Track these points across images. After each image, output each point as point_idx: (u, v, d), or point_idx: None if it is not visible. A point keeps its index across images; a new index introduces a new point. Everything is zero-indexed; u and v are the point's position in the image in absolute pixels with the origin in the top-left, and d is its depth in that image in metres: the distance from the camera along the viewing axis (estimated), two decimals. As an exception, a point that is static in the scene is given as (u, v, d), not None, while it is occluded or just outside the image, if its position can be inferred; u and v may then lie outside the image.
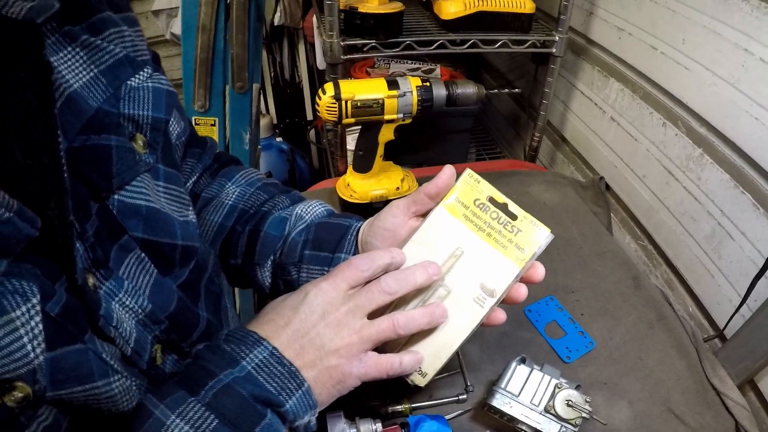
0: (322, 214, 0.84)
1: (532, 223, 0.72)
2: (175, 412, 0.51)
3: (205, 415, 0.52)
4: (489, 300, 0.71)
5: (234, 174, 0.89)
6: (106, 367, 0.50)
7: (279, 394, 0.57)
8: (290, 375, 0.58)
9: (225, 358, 0.57)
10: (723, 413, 1.03)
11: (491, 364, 1.07)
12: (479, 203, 0.72)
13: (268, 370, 0.57)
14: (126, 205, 0.56)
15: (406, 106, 1.27)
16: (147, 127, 0.60)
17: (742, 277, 1.17)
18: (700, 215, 1.29)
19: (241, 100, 1.76)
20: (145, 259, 0.59)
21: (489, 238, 0.71)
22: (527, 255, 0.71)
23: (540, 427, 0.89)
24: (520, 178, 1.63)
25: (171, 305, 0.61)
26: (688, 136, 1.32)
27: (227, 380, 0.54)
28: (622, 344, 1.13)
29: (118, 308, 0.54)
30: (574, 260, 1.33)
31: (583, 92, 1.77)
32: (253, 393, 0.55)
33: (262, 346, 0.58)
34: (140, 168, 0.58)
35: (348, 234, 0.79)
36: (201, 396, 0.53)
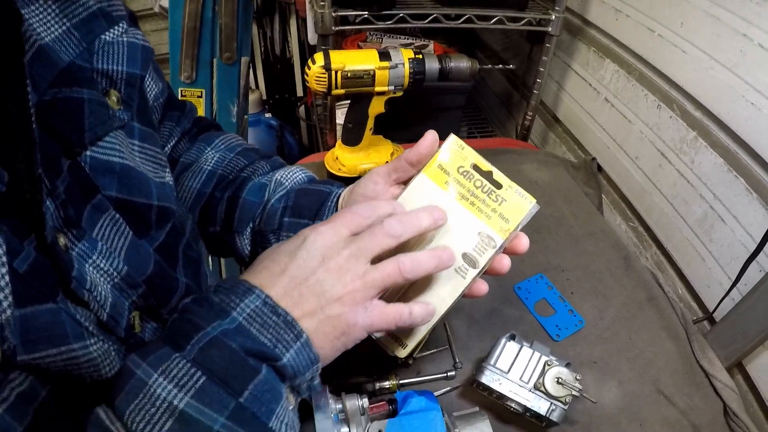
0: (302, 180, 0.82)
1: (518, 193, 0.69)
2: (158, 370, 0.46)
3: (191, 371, 0.46)
4: (471, 271, 0.68)
5: (214, 139, 0.86)
6: (81, 329, 0.48)
7: (275, 347, 0.51)
8: (286, 325, 0.52)
9: (213, 309, 0.51)
10: (711, 395, 1.03)
11: (480, 341, 1.06)
12: (463, 170, 0.68)
13: (261, 321, 0.51)
14: (99, 161, 0.54)
15: (398, 78, 1.25)
16: (121, 82, 0.58)
17: (732, 261, 1.16)
18: (692, 198, 1.28)
19: (229, 72, 1.72)
20: (119, 220, 0.56)
21: (472, 207, 0.68)
22: (511, 225, 0.68)
23: (529, 404, 0.87)
24: (511, 156, 1.61)
25: (148, 268, 0.59)
26: (682, 119, 1.30)
27: (215, 333, 0.48)
28: (612, 324, 1.12)
29: (92, 271, 0.52)
30: (565, 239, 1.32)
31: (577, 72, 1.75)
32: (244, 346, 0.49)
33: (254, 294, 0.52)
34: (114, 123, 0.56)
35: (328, 201, 0.76)
36: (186, 351, 0.47)
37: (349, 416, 0.71)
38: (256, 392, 0.48)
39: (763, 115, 1.06)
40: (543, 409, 0.87)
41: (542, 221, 1.37)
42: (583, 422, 0.95)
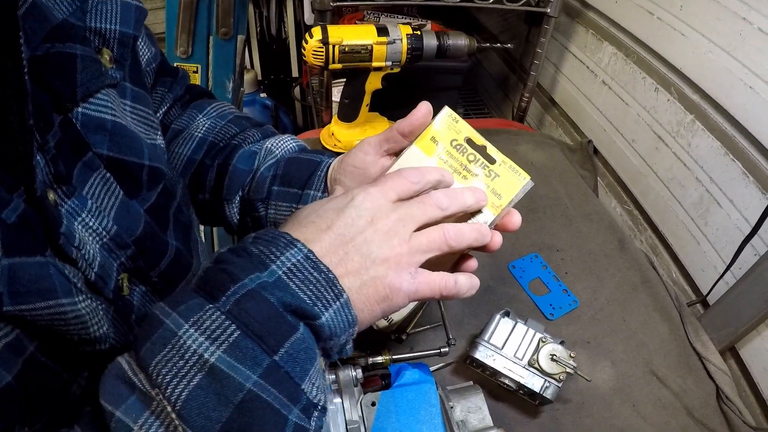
0: (293, 149, 0.80)
1: (512, 169, 0.66)
2: (189, 321, 0.43)
3: (225, 324, 0.43)
4: None
5: (206, 106, 0.84)
6: (70, 285, 0.47)
7: (314, 305, 0.48)
8: (327, 283, 0.49)
9: (252, 260, 0.48)
10: (704, 378, 1.03)
11: (474, 319, 1.06)
12: (456, 144, 0.66)
13: (303, 276, 0.48)
14: (90, 118, 0.53)
15: (395, 54, 1.24)
16: (114, 42, 0.57)
17: (728, 244, 1.15)
18: (688, 182, 1.28)
19: (225, 47, 1.71)
20: (110, 179, 0.55)
21: (465, 181, 0.66)
22: (504, 202, 0.65)
23: (523, 381, 0.87)
24: (507, 136, 1.60)
25: (137, 229, 0.57)
26: (680, 102, 1.30)
27: (253, 285, 0.46)
28: (606, 305, 1.12)
29: (81, 229, 0.51)
30: (560, 220, 1.31)
31: (575, 55, 1.74)
32: (283, 300, 0.46)
33: (296, 248, 0.49)
34: (106, 80, 0.55)
35: (318, 170, 0.74)
36: (221, 302, 0.44)
37: (342, 387, 0.71)
38: (292, 351, 0.46)
39: (761, 99, 1.06)
40: (537, 386, 0.87)
41: (537, 201, 1.36)
42: (576, 401, 0.95)
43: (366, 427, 0.69)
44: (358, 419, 0.69)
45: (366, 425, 0.69)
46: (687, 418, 0.96)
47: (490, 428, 0.72)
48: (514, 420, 0.92)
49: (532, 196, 1.36)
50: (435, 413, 0.71)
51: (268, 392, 0.44)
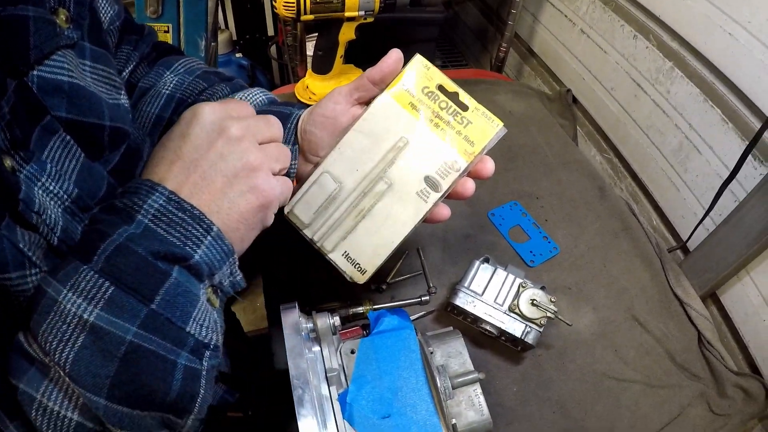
0: (263, 102, 0.78)
1: (484, 115, 0.66)
2: (67, 286, 0.44)
3: (99, 282, 0.44)
4: (433, 194, 0.66)
5: (173, 63, 0.82)
6: (23, 258, 0.46)
7: (184, 245, 0.48)
8: (194, 220, 0.50)
9: (119, 215, 0.48)
10: (686, 323, 1.03)
11: (454, 267, 1.05)
12: (428, 91, 0.66)
13: (168, 219, 0.49)
14: (46, 81, 0.51)
15: (368, 3, 1.21)
16: (70, 1, 0.55)
17: (707, 191, 1.15)
18: (667, 129, 1.27)
19: (196, 5, 1.68)
20: (70, 142, 0.54)
21: (436, 128, 0.66)
22: (476, 149, 0.66)
23: (504, 326, 0.87)
24: (485, 86, 1.58)
25: (100, 191, 0.56)
26: (658, 50, 1.28)
27: (120, 240, 0.46)
28: (587, 251, 1.12)
29: (41, 194, 0.49)
30: (540, 168, 1.30)
31: (553, 4, 1.71)
32: (151, 249, 0.47)
33: (157, 192, 0.49)
34: (61, 41, 0.53)
35: (288, 122, 0.72)
36: (93, 262, 0.45)
37: (320, 335, 0.70)
38: (168, 297, 0.46)
39: (739, 44, 1.05)
40: (518, 332, 0.86)
41: (516, 150, 1.35)
42: (558, 347, 0.95)
43: (346, 375, 0.69)
44: (337, 367, 0.69)
45: (346, 373, 0.69)
46: (669, 363, 0.96)
47: (471, 372, 0.71)
48: (497, 366, 0.92)
49: (510, 145, 1.35)
50: (415, 359, 0.70)
51: (150, 341, 0.45)
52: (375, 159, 0.66)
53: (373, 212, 0.67)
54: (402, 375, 0.69)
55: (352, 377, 0.69)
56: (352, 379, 0.68)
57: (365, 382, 0.68)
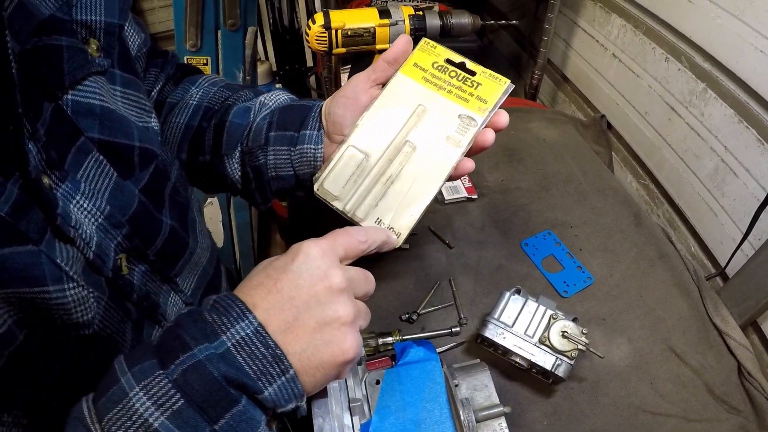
0: (285, 100, 0.83)
1: (492, 76, 0.73)
2: (140, 384, 0.46)
3: (171, 392, 0.46)
4: (456, 150, 0.71)
5: (198, 79, 0.88)
6: (61, 273, 0.49)
7: (258, 380, 0.49)
8: (274, 359, 0.50)
9: (204, 329, 0.49)
10: (725, 353, 1.00)
11: (486, 298, 1.05)
12: (437, 65, 0.74)
13: (250, 351, 0.49)
14: (79, 104, 0.56)
15: (398, 36, 1.23)
16: (100, 31, 0.60)
17: (745, 215, 1.13)
18: (703, 152, 1.25)
19: (233, 38, 1.72)
20: (103, 162, 0.58)
21: (450, 95, 0.72)
22: (489, 104, 0.71)
23: (534, 358, 0.86)
24: (519, 114, 1.58)
25: (131, 208, 0.60)
26: (691, 71, 1.27)
27: (200, 356, 0.47)
28: (622, 281, 1.10)
29: (76, 210, 0.53)
30: (574, 196, 1.29)
31: (584, 29, 1.71)
32: (226, 375, 0.47)
33: (248, 320, 0.50)
34: (92, 67, 0.58)
35: (312, 113, 0.77)
36: (170, 370, 0.46)
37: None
38: (232, 421, 0.48)
39: (772, 62, 1.03)
40: (548, 364, 0.85)
41: (550, 178, 1.34)
42: (591, 380, 0.93)
43: (370, 406, 0.69)
44: (361, 397, 0.69)
45: (370, 403, 0.69)
46: (707, 396, 0.93)
47: (496, 406, 0.71)
48: (528, 399, 0.90)
49: (544, 173, 1.35)
50: (440, 391, 0.70)
51: None
52: (397, 127, 0.72)
53: (401, 176, 0.71)
54: (426, 407, 0.69)
55: (376, 408, 0.69)
56: (375, 410, 0.68)
57: (389, 413, 0.68)
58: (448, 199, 1.26)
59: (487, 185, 1.32)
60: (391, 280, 1.08)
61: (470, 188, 1.28)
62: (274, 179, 0.78)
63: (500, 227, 1.21)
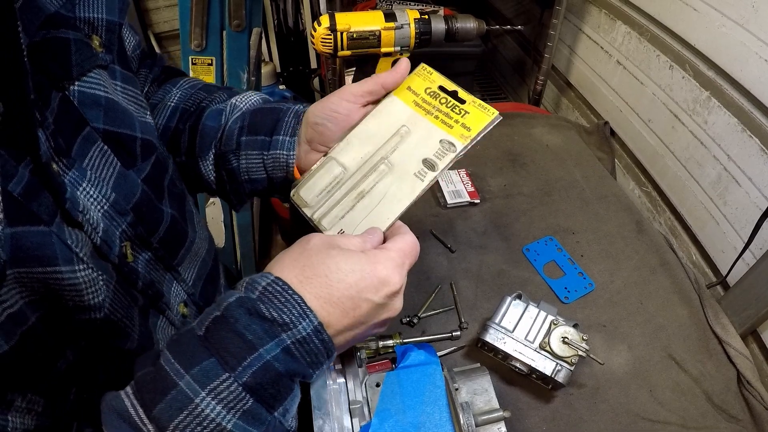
0: (257, 102, 0.84)
1: (480, 106, 0.73)
2: (206, 389, 0.47)
3: (242, 395, 0.48)
4: (430, 174, 0.71)
5: (179, 81, 0.90)
6: (71, 254, 0.50)
7: (309, 368, 0.53)
8: (326, 351, 0.53)
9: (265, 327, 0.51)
10: (725, 362, 1.00)
11: (487, 302, 1.05)
12: (430, 91, 0.75)
13: (308, 348, 0.52)
14: (85, 95, 0.58)
15: (404, 39, 1.23)
16: (102, 29, 0.63)
17: (747, 224, 1.13)
18: (706, 160, 1.25)
19: (238, 39, 1.71)
20: (107, 152, 0.60)
21: (436, 120, 0.73)
22: (473, 133, 0.71)
23: (534, 364, 0.86)
24: (522, 120, 1.58)
25: (134, 196, 0.62)
26: (695, 79, 1.27)
27: (267, 357, 0.49)
28: (623, 288, 1.10)
29: (83, 197, 0.55)
30: (576, 202, 1.29)
31: (589, 36, 1.71)
32: (289, 370, 0.51)
33: (308, 320, 0.52)
34: (97, 61, 0.61)
35: (285, 117, 0.78)
36: (238, 373, 0.48)
37: (345, 367, 0.71)
38: (287, 405, 0.52)
39: (776, 72, 1.03)
40: (548, 370, 0.85)
41: (552, 184, 1.35)
42: (590, 386, 0.94)
43: (370, 408, 0.69)
44: (361, 400, 0.69)
45: (370, 406, 0.69)
46: (706, 404, 0.93)
47: (496, 410, 0.71)
48: (527, 405, 0.91)
49: (547, 179, 1.35)
50: (440, 394, 0.70)
51: None
52: (378, 145, 0.74)
53: (372, 192, 0.72)
54: (426, 410, 0.69)
55: (376, 410, 0.69)
56: (375, 412, 0.69)
57: (388, 415, 0.68)
58: (450, 204, 1.26)
59: (490, 190, 1.32)
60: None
61: (473, 192, 1.28)
62: (248, 182, 0.79)
63: (502, 232, 1.21)
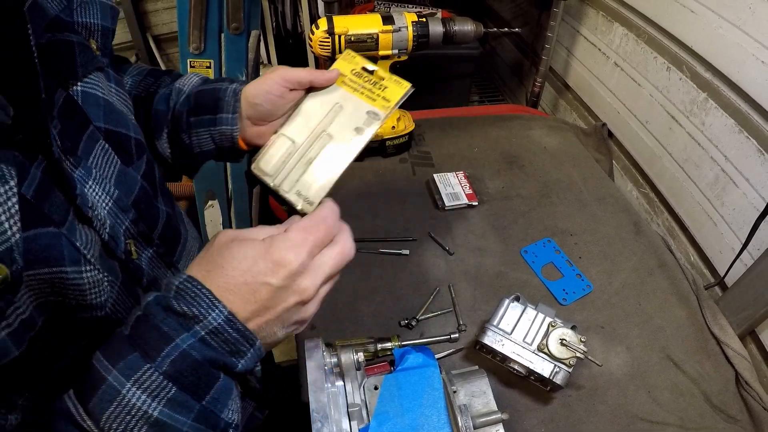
0: (197, 83, 0.90)
1: (396, 81, 0.87)
2: (131, 380, 0.50)
3: (164, 383, 0.50)
4: (361, 138, 0.84)
5: (127, 68, 0.94)
6: (79, 255, 0.52)
7: (231, 357, 0.54)
8: (244, 338, 0.55)
9: (179, 320, 0.53)
10: (723, 363, 1.01)
11: (485, 305, 1.05)
12: (355, 72, 0.89)
13: (224, 337, 0.54)
14: (88, 95, 0.62)
15: (401, 42, 1.23)
16: (98, 33, 0.67)
17: (745, 224, 1.13)
18: (703, 161, 1.25)
19: (237, 42, 1.72)
20: (108, 150, 0.63)
21: (362, 95, 0.87)
22: (391, 103, 0.85)
23: (532, 366, 0.86)
24: (520, 122, 1.58)
25: (133, 193, 0.65)
26: (692, 81, 1.28)
27: (184, 346, 0.51)
28: (621, 289, 1.11)
29: (90, 194, 0.57)
30: (574, 204, 1.30)
31: (586, 38, 1.72)
32: (208, 357, 0.53)
33: (218, 310, 0.54)
34: (97, 63, 0.65)
35: (225, 96, 0.85)
36: (158, 363, 0.50)
37: (344, 370, 0.71)
38: (215, 395, 0.54)
39: (772, 73, 1.03)
40: (546, 371, 0.86)
41: (550, 186, 1.35)
42: (589, 387, 0.94)
43: (368, 411, 0.69)
44: (360, 402, 0.69)
45: (368, 408, 0.69)
46: (705, 404, 0.94)
47: (494, 412, 0.71)
48: (525, 407, 0.91)
49: (545, 180, 1.35)
50: (438, 397, 0.70)
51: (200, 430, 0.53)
52: (318, 120, 0.86)
53: (318, 158, 0.84)
54: (424, 413, 0.69)
55: (374, 413, 0.69)
56: (373, 415, 0.69)
57: (387, 418, 0.69)
58: (448, 206, 1.26)
59: (488, 192, 1.33)
60: (390, 285, 1.09)
61: (471, 195, 1.28)
62: (200, 154, 0.86)
63: (500, 234, 1.21)
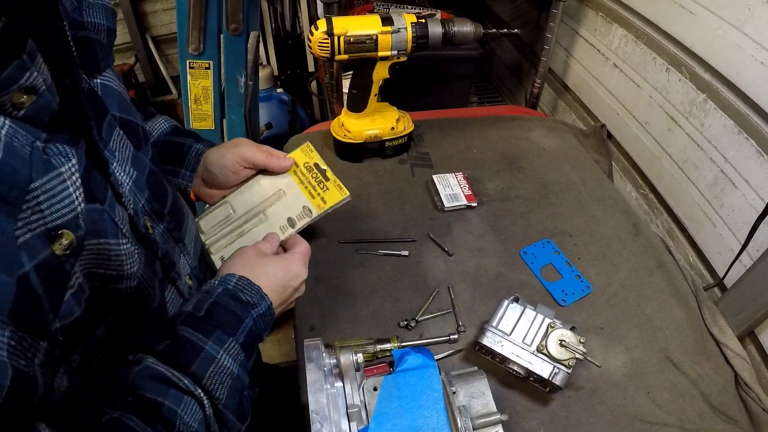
0: (166, 130, 1.01)
1: (338, 186, 0.99)
2: (222, 348, 0.67)
3: (239, 351, 0.69)
4: (290, 229, 0.98)
5: None
6: (117, 229, 0.59)
7: (265, 331, 0.77)
8: (271, 317, 0.78)
9: (243, 306, 0.74)
10: (722, 364, 1.01)
11: (484, 305, 1.05)
12: (307, 166, 1.00)
13: (266, 319, 0.76)
14: (106, 86, 0.69)
15: (401, 43, 1.23)
16: (104, 33, 0.71)
17: (744, 225, 1.13)
18: (702, 162, 1.25)
19: (236, 43, 1.72)
20: (123, 137, 0.69)
21: (305, 190, 0.99)
22: (327, 206, 0.98)
23: (531, 367, 0.86)
24: (519, 123, 1.59)
25: (145, 173, 0.72)
26: (691, 82, 1.28)
27: (250, 324, 0.72)
28: (621, 290, 1.11)
29: (117, 173, 0.64)
30: (573, 205, 1.30)
31: (585, 39, 1.72)
32: (257, 332, 0.74)
33: (265, 301, 0.77)
34: (111, 59, 0.72)
35: (188, 154, 0.98)
36: (236, 337, 0.70)
37: (343, 371, 0.71)
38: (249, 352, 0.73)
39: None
40: (545, 372, 0.86)
41: (549, 187, 1.35)
42: (588, 388, 0.94)
43: (368, 412, 0.69)
44: (359, 403, 0.69)
45: (368, 409, 0.69)
46: (704, 405, 0.94)
47: (493, 413, 0.71)
48: (525, 407, 0.91)
49: (544, 181, 1.35)
50: (437, 398, 0.70)
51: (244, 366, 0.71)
52: (261, 199, 0.98)
53: (249, 234, 0.97)
54: (423, 414, 0.69)
55: (374, 414, 0.69)
56: (373, 416, 0.69)
57: (386, 419, 0.69)
58: (447, 207, 1.26)
59: (487, 193, 1.33)
60: (389, 286, 1.09)
61: (470, 196, 1.28)
62: None
63: (499, 235, 1.21)
